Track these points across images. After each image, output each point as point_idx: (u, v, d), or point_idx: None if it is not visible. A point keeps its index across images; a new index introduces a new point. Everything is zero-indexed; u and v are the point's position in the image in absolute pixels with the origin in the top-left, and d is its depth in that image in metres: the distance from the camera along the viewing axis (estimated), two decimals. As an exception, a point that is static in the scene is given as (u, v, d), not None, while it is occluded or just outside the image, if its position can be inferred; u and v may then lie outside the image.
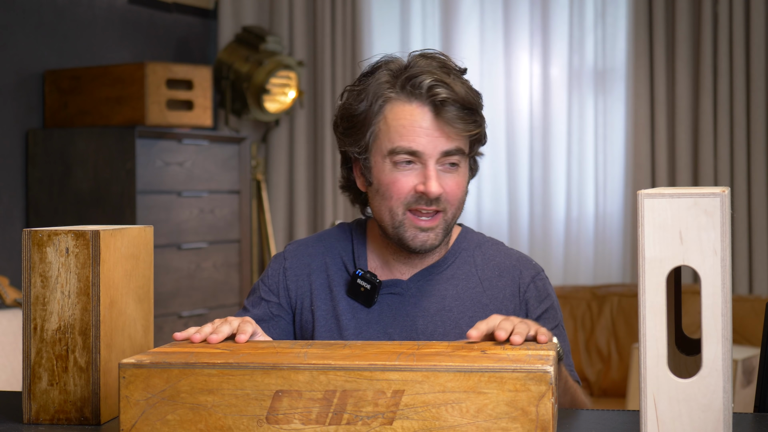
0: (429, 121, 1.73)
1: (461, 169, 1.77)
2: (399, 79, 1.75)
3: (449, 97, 1.71)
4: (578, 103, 4.65)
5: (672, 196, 1.26)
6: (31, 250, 1.52)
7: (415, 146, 1.73)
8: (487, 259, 1.85)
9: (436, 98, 1.71)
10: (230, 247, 4.24)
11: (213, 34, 4.92)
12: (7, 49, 3.85)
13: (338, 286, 1.83)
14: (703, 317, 1.26)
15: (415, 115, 1.73)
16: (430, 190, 1.72)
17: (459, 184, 1.77)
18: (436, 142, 1.73)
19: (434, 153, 1.73)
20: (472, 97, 1.74)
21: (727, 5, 4.36)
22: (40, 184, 3.91)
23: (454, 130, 1.72)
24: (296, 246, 1.91)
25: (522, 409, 1.31)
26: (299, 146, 4.85)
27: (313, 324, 1.83)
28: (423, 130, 1.72)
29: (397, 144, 1.73)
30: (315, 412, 1.34)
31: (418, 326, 1.79)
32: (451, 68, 1.77)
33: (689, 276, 4.16)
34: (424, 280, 1.82)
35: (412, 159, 1.74)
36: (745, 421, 1.51)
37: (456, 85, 1.73)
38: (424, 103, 1.73)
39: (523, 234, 4.70)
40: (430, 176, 1.72)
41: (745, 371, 3.66)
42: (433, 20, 4.81)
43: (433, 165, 1.73)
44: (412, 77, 1.73)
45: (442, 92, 1.71)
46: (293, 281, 1.86)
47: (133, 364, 1.38)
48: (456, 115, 1.72)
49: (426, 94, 1.72)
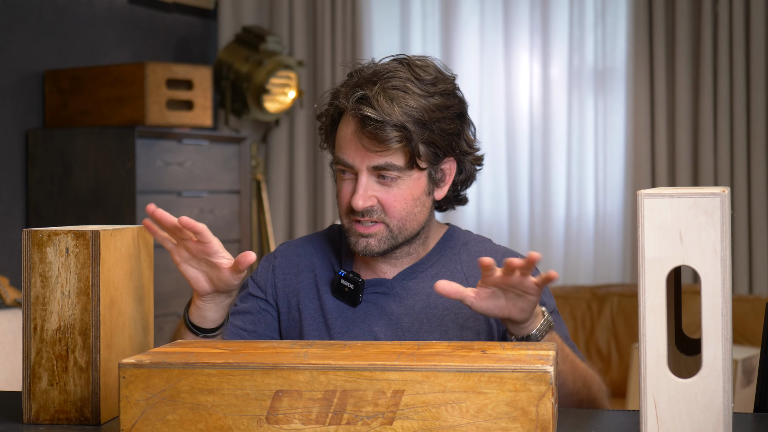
0: (353, 134, 1.75)
1: (402, 181, 1.76)
2: (350, 89, 1.78)
3: (369, 115, 1.71)
4: (578, 103, 4.65)
5: (672, 196, 1.26)
6: (31, 250, 1.52)
7: (347, 158, 1.76)
8: (473, 256, 1.86)
9: (358, 113, 1.73)
10: (230, 247, 4.23)
11: (213, 34, 4.92)
12: (7, 49, 3.85)
13: (325, 285, 1.86)
14: (703, 317, 1.26)
15: (349, 127, 1.76)
16: (354, 203, 1.75)
17: (397, 197, 1.76)
18: (363, 155, 1.74)
19: (362, 166, 1.75)
20: (404, 113, 1.72)
21: (727, 5, 4.36)
22: (40, 184, 3.91)
23: (376, 144, 1.73)
24: (287, 246, 1.94)
25: (522, 409, 1.31)
26: (299, 146, 4.85)
27: (300, 322, 1.85)
28: (352, 143, 1.75)
29: (336, 154, 1.79)
30: (315, 412, 1.34)
31: (403, 324, 1.80)
32: (402, 78, 1.75)
33: (689, 276, 4.16)
34: (408, 278, 1.84)
35: (347, 170, 1.77)
36: (745, 421, 1.51)
37: (379, 101, 1.72)
38: (353, 117, 1.75)
39: (523, 234, 4.70)
40: (357, 190, 1.75)
41: (745, 371, 3.66)
42: (433, 20, 4.81)
43: (364, 179, 1.75)
44: (353, 88, 1.76)
45: (365, 109, 1.72)
46: (281, 279, 1.89)
47: (133, 364, 1.38)
48: (375, 131, 1.71)
49: (352, 108, 1.74)
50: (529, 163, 4.69)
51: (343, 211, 1.79)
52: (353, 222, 1.78)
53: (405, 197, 1.77)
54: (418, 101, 1.74)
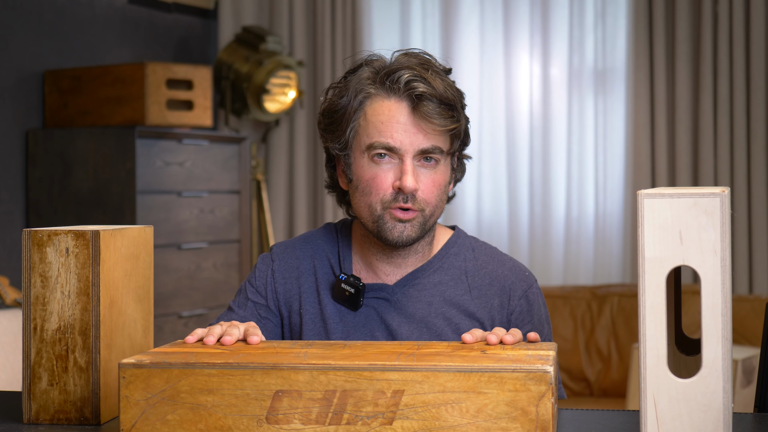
0: (406, 117, 1.72)
1: (440, 167, 1.76)
2: (379, 74, 1.75)
3: (426, 92, 1.70)
4: (578, 103, 4.65)
5: (672, 196, 1.26)
6: (31, 250, 1.52)
7: (392, 142, 1.72)
8: (480, 266, 1.84)
9: (414, 92, 1.71)
10: (230, 247, 4.24)
11: (213, 34, 4.92)
12: (7, 49, 3.85)
13: (325, 289, 1.83)
14: (703, 317, 1.26)
15: (393, 111, 1.73)
16: (405, 184, 1.71)
17: (436, 182, 1.75)
18: (413, 138, 1.72)
19: (410, 149, 1.72)
20: (452, 94, 1.73)
21: (727, 5, 4.36)
22: (40, 184, 3.91)
23: (431, 125, 1.72)
24: (283, 248, 1.89)
25: (522, 409, 1.31)
26: (299, 146, 4.85)
27: (300, 327, 1.82)
28: (400, 126, 1.72)
29: (375, 139, 1.73)
30: (315, 412, 1.34)
31: (402, 332, 1.78)
32: (432, 65, 1.76)
33: (689, 276, 4.16)
34: (410, 284, 1.81)
35: (390, 155, 1.73)
36: (745, 421, 1.51)
37: (435, 81, 1.72)
38: (402, 98, 1.72)
39: (523, 234, 4.70)
40: (406, 171, 1.72)
41: (745, 371, 3.66)
42: (433, 20, 4.81)
43: (409, 160, 1.72)
44: (391, 73, 1.73)
45: (420, 86, 1.70)
46: (281, 284, 1.85)
47: (133, 364, 1.38)
48: (434, 110, 1.71)
49: (404, 89, 1.72)
50: (529, 163, 4.69)
51: (380, 198, 1.74)
52: (391, 209, 1.74)
53: (441, 184, 1.76)
54: (454, 85, 1.76)
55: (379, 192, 1.74)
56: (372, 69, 1.77)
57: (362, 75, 1.77)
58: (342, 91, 1.78)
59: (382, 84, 1.74)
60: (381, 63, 1.78)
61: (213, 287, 4.14)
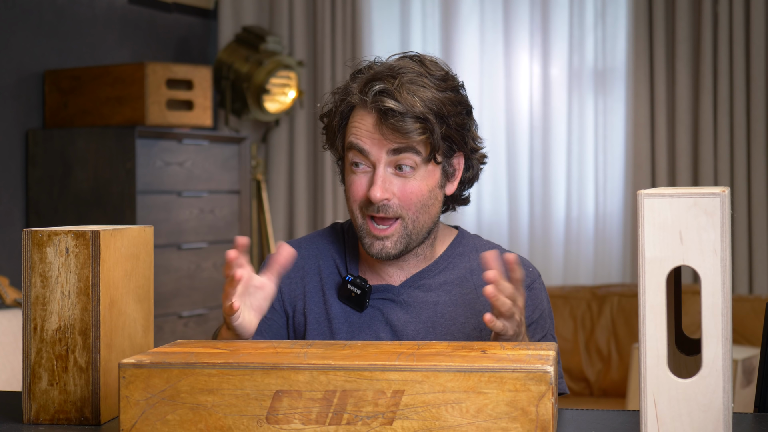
0: (373, 126, 1.74)
1: (419, 174, 1.76)
2: (362, 84, 1.77)
3: (391, 107, 1.71)
4: (578, 103, 4.65)
5: (672, 196, 1.26)
6: (31, 250, 1.52)
7: (362, 144, 1.74)
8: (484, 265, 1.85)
9: (379, 105, 1.73)
10: (230, 247, 4.23)
11: (213, 34, 4.92)
12: (7, 49, 3.85)
13: (330, 289, 1.84)
14: (703, 317, 1.26)
15: (364, 119, 1.75)
16: (372, 195, 1.73)
17: (414, 189, 1.75)
18: (381, 143, 1.74)
19: (381, 156, 1.74)
20: (424, 105, 1.73)
21: (727, 5, 4.36)
22: (40, 184, 3.91)
23: (397, 136, 1.73)
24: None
25: (522, 409, 1.31)
26: (299, 146, 4.85)
27: (305, 327, 1.83)
28: (369, 134, 1.75)
29: (348, 140, 1.77)
30: (315, 412, 1.34)
31: (409, 332, 1.79)
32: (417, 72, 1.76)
33: (689, 276, 4.16)
34: (415, 285, 1.82)
35: (364, 161, 1.75)
36: (745, 421, 1.51)
37: (401, 93, 1.72)
38: (372, 110, 1.75)
39: (523, 234, 4.70)
40: (375, 181, 1.73)
41: (745, 371, 3.66)
42: (433, 20, 4.81)
43: (381, 169, 1.74)
44: (368, 82, 1.76)
45: (386, 101, 1.72)
46: (287, 284, 1.85)
47: (133, 364, 1.38)
48: (397, 123, 1.72)
49: (371, 101, 1.74)
50: (529, 163, 4.69)
51: (356, 207, 1.76)
52: (368, 221, 1.76)
53: (421, 189, 1.76)
54: (434, 94, 1.75)
55: (356, 198, 1.77)
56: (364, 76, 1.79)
57: (354, 82, 1.79)
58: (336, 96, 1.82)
59: (362, 92, 1.76)
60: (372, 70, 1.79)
61: (213, 287, 4.14)
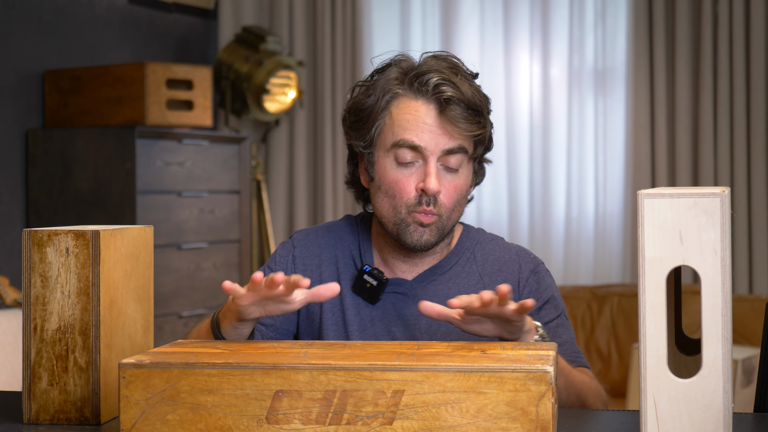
0: (433, 118, 1.73)
1: (462, 171, 1.77)
2: (407, 76, 1.76)
3: (454, 96, 1.72)
4: (578, 103, 4.65)
5: (672, 196, 1.26)
6: (31, 250, 1.52)
7: (417, 141, 1.73)
8: (487, 255, 1.86)
9: (442, 96, 1.72)
10: (230, 247, 4.24)
11: (213, 34, 4.92)
12: (7, 49, 3.85)
13: (346, 280, 1.83)
14: (703, 317, 1.26)
15: (419, 111, 1.74)
16: (428, 186, 1.72)
17: (457, 187, 1.76)
18: (438, 139, 1.73)
19: (436, 150, 1.73)
20: (479, 99, 1.75)
21: (727, 5, 4.36)
22: (40, 184, 3.91)
23: (457, 129, 1.73)
24: (305, 235, 1.90)
25: (522, 409, 1.31)
26: (299, 146, 4.85)
27: (320, 316, 1.82)
28: (426, 127, 1.73)
29: (400, 137, 1.74)
30: (315, 412, 1.34)
31: (421, 326, 1.79)
32: (460, 70, 1.78)
33: (689, 276, 4.16)
34: (427, 280, 1.83)
35: (414, 156, 1.74)
36: (745, 421, 1.51)
37: (463, 85, 1.74)
38: (430, 101, 1.73)
39: (523, 234, 4.70)
40: (430, 173, 1.73)
41: (745, 371, 3.66)
42: (433, 20, 4.81)
43: (433, 162, 1.74)
44: (420, 75, 1.74)
45: (448, 90, 1.72)
46: (302, 270, 1.85)
47: (133, 364, 1.38)
48: (460, 114, 1.72)
49: (432, 92, 1.73)
50: (529, 163, 4.69)
51: (404, 202, 1.74)
52: (415, 213, 1.75)
53: (461, 188, 1.78)
54: (479, 90, 1.77)
55: (403, 195, 1.75)
56: (400, 69, 1.78)
57: (390, 75, 1.78)
58: (369, 89, 1.79)
59: (410, 85, 1.75)
60: (409, 64, 1.79)
61: (213, 287, 4.14)
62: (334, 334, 1.81)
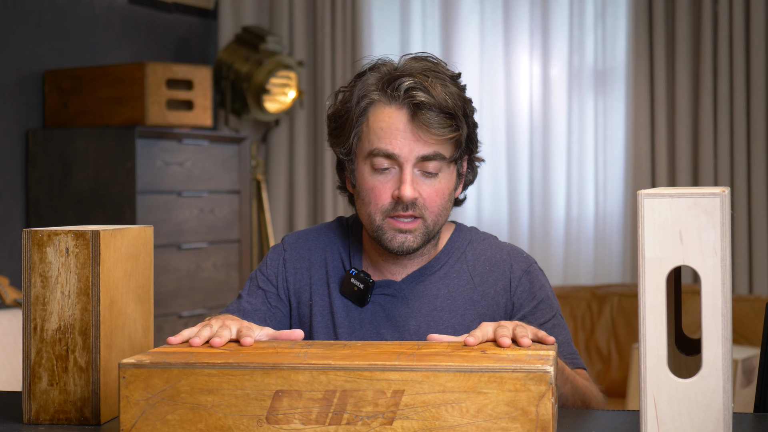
0: (405, 124, 1.72)
1: (442, 175, 1.75)
2: (382, 81, 1.75)
3: (425, 100, 1.70)
4: (578, 103, 4.65)
5: (672, 196, 1.26)
6: (31, 250, 1.52)
7: (391, 149, 1.72)
8: (478, 255, 1.85)
9: (413, 101, 1.70)
10: (230, 247, 4.24)
11: (213, 34, 4.92)
12: (7, 49, 3.85)
13: (335, 282, 1.84)
14: (703, 317, 1.26)
15: (392, 118, 1.73)
16: (403, 194, 1.71)
17: (438, 191, 1.75)
18: (412, 145, 1.72)
19: (410, 157, 1.72)
20: (453, 102, 1.72)
21: (727, 5, 4.36)
22: (40, 184, 3.91)
23: (430, 134, 1.71)
24: (295, 238, 1.90)
25: (522, 409, 1.31)
26: (299, 146, 4.85)
27: (311, 319, 1.83)
28: (400, 133, 1.72)
29: (375, 146, 1.73)
30: (315, 412, 1.34)
31: (410, 327, 1.79)
32: (439, 72, 1.75)
33: (689, 276, 4.16)
34: (416, 281, 1.82)
35: (390, 163, 1.73)
36: (745, 421, 1.51)
37: (435, 88, 1.71)
38: (402, 106, 1.72)
39: (523, 234, 4.70)
40: (405, 180, 1.72)
41: (745, 371, 3.66)
42: (433, 20, 4.81)
43: (409, 169, 1.72)
44: (393, 79, 1.73)
45: (419, 95, 1.70)
46: (292, 273, 1.86)
47: (133, 364, 1.38)
48: (432, 118, 1.70)
49: (403, 97, 1.71)
50: (529, 163, 4.69)
51: (379, 208, 1.74)
52: (389, 220, 1.74)
53: (443, 191, 1.76)
54: (457, 92, 1.75)
55: (378, 202, 1.74)
56: (377, 74, 1.77)
57: (368, 80, 1.77)
58: (347, 95, 1.79)
59: (384, 91, 1.74)
60: (387, 68, 1.77)
61: (213, 287, 4.14)
62: (324, 336, 1.81)
